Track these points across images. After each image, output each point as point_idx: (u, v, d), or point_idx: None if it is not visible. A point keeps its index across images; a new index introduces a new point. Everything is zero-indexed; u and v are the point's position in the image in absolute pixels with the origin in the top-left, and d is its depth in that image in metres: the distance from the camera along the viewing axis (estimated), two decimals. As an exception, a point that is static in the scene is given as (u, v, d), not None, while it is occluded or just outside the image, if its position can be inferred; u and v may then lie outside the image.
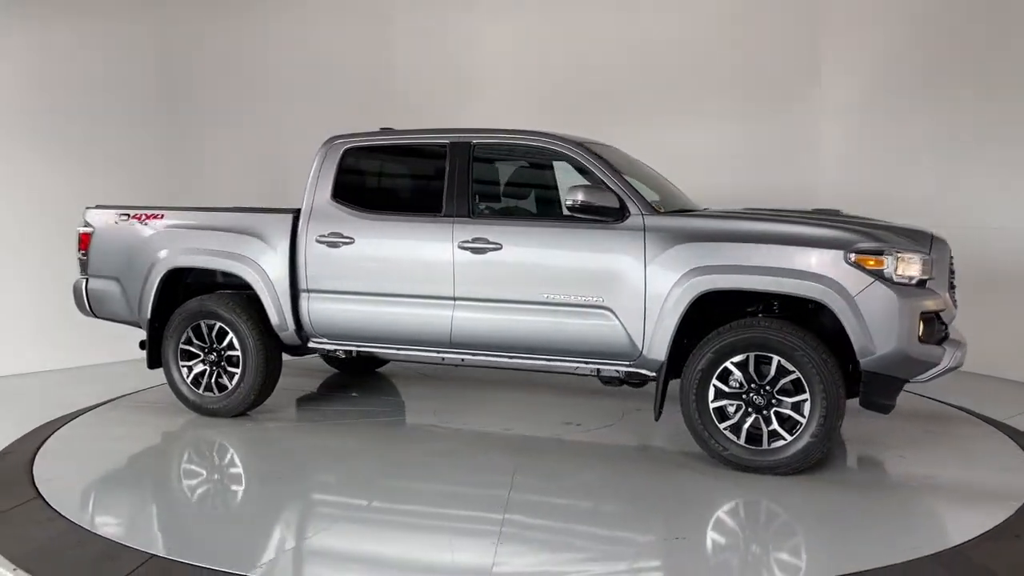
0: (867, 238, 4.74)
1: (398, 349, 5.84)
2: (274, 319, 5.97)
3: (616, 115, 9.00)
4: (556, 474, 5.00)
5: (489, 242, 5.37)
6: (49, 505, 4.52)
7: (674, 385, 5.14)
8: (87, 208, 6.62)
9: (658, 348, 5.02)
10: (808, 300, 4.81)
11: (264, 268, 5.96)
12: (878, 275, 4.62)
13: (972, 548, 3.92)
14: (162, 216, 6.31)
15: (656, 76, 9.35)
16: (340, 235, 5.75)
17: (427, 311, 5.57)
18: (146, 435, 5.96)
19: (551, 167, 5.84)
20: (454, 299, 5.48)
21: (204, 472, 5.37)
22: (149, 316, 6.28)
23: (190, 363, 6.23)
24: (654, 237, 5.03)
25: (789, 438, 4.80)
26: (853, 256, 4.66)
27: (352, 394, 7.13)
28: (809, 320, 5.05)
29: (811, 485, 4.75)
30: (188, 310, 6.16)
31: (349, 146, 5.97)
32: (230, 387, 6.12)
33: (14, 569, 3.74)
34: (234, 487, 5.11)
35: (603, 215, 5.10)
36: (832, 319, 4.86)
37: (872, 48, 8.71)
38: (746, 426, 4.88)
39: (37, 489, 4.78)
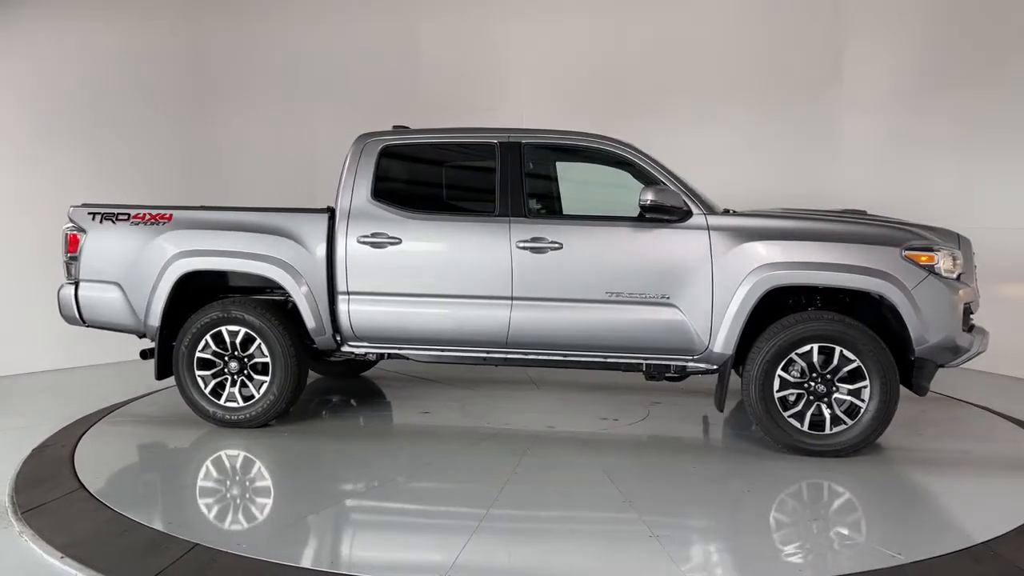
0: (915, 236, 5.17)
1: (443, 350, 5.73)
2: (310, 323, 5.71)
3: (635, 114, 9.11)
4: (620, 469, 5.05)
5: (549, 242, 5.40)
6: (92, 495, 4.60)
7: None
8: (73, 207, 6.06)
9: (725, 342, 5.24)
10: (869, 294, 5.18)
11: (300, 270, 5.70)
12: (930, 270, 5.06)
13: (1001, 544, 3.99)
14: (170, 216, 5.87)
15: (677, 76, 9.51)
16: (385, 235, 5.58)
17: (482, 311, 5.52)
18: (185, 428, 5.81)
19: (604, 168, 5.91)
20: (511, 299, 5.47)
21: (239, 467, 5.26)
22: (159, 323, 5.85)
23: (208, 372, 5.85)
24: (718, 236, 5.25)
25: (850, 422, 5.16)
26: (907, 253, 5.09)
27: (351, 401, 6.93)
28: (850, 313, 5.43)
29: (852, 471, 5.05)
30: (207, 316, 5.78)
31: (387, 144, 5.81)
32: (256, 396, 5.80)
33: (61, 557, 3.82)
34: (266, 485, 5.01)
35: (670, 214, 5.27)
36: (871, 311, 5.29)
37: (894, 47, 8.78)
38: (809, 413, 5.20)
39: (80, 480, 4.86)
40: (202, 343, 5.81)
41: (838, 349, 5.12)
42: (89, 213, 5.99)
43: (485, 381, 7.44)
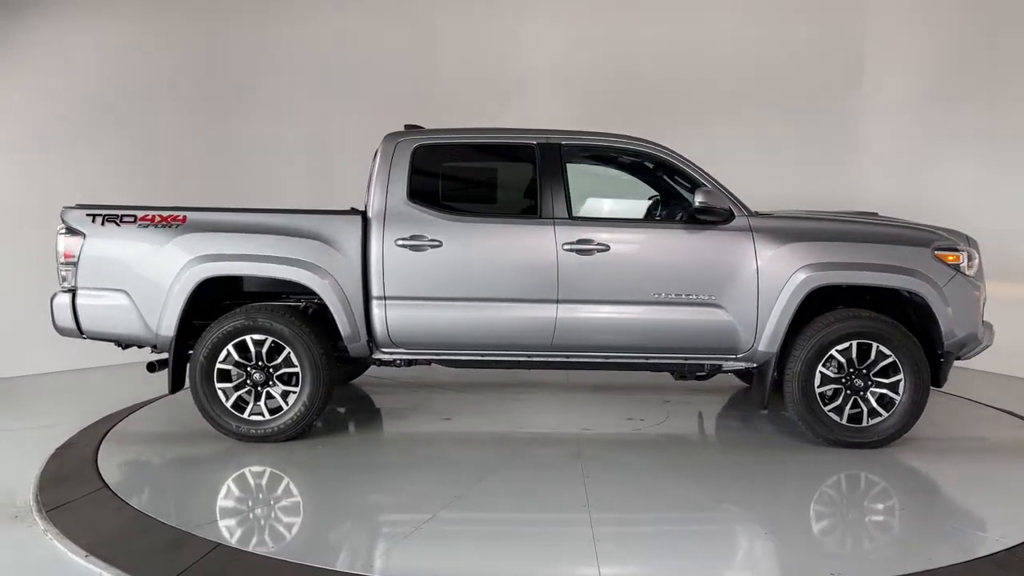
0: (941, 237, 5.48)
1: (483, 355, 5.62)
2: (345, 330, 5.46)
3: (652, 116, 9.09)
4: (685, 467, 5.15)
5: (595, 243, 5.39)
6: (116, 494, 4.63)
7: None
8: (66, 208, 5.55)
9: (771, 340, 5.38)
10: (906, 292, 5.44)
11: (334, 275, 5.43)
12: (956, 269, 5.38)
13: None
14: (184, 218, 5.47)
15: (696, 77, 9.52)
16: (424, 238, 5.41)
17: (528, 313, 5.44)
18: (206, 427, 5.57)
19: (641, 170, 5.93)
20: (557, 301, 5.42)
21: (261, 466, 5.16)
22: (174, 333, 5.44)
23: (230, 384, 5.49)
24: (762, 237, 5.39)
25: (886, 414, 5.41)
26: (936, 252, 5.39)
27: (339, 409, 6.65)
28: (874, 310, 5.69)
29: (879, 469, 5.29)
30: (230, 325, 5.42)
31: (420, 143, 5.62)
32: (285, 407, 5.49)
33: (86, 556, 3.85)
34: (290, 486, 4.93)
35: (717, 216, 5.36)
36: (893, 309, 5.58)
37: (916, 48, 8.76)
38: (848, 407, 5.42)
39: (103, 479, 4.90)
40: (223, 353, 5.45)
41: (875, 345, 5.37)
42: (88, 215, 5.49)
43: (479, 385, 7.32)
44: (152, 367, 5.69)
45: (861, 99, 9.22)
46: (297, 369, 5.46)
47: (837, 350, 5.38)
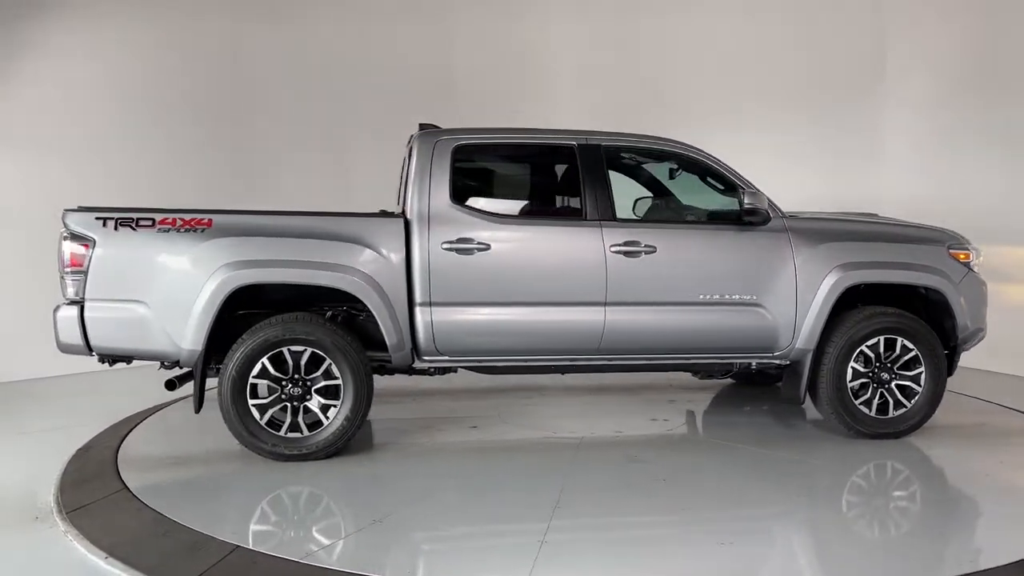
0: (951, 237, 5.83)
1: (530, 360, 5.48)
2: (391, 338, 5.17)
3: (673, 115, 9.06)
4: (744, 465, 5.22)
5: (642, 245, 5.38)
6: (136, 496, 4.62)
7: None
8: (69, 211, 4.99)
9: (808, 338, 5.54)
10: (924, 288, 5.73)
11: (379, 281, 5.14)
12: (967, 266, 5.74)
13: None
14: (210, 222, 5.03)
15: (716, 76, 9.48)
16: (472, 241, 5.22)
17: (576, 317, 5.36)
18: (225, 430, 5.21)
19: (677, 171, 5.92)
20: (605, 303, 5.37)
21: (281, 468, 5.05)
22: (203, 347, 4.99)
23: (265, 400, 5.09)
24: (798, 237, 5.54)
25: (910, 405, 5.70)
26: (950, 251, 5.73)
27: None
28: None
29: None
30: (265, 336, 5.03)
31: (460, 143, 5.41)
32: (325, 422, 5.15)
33: (106, 557, 3.85)
34: (313, 489, 4.82)
35: (760, 217, 5.48)
36: (906, 303, 5.89)
37: (937, 46, 8.67)
38: (876, 400, 5.66)
39: (123, 481, 4.89)
40: (257, 367, 5.06)
41: (899, 340, 5.64)
42: (98, 218, 4.96)
43: (478, 391, 7.18)
44: (172, 384, 5.21)
45: (881, 98, 9.17)
46: (338, 381, 5.15)
47: (867, 345, 5.63)
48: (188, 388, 5.27)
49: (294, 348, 5.08)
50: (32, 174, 8.05)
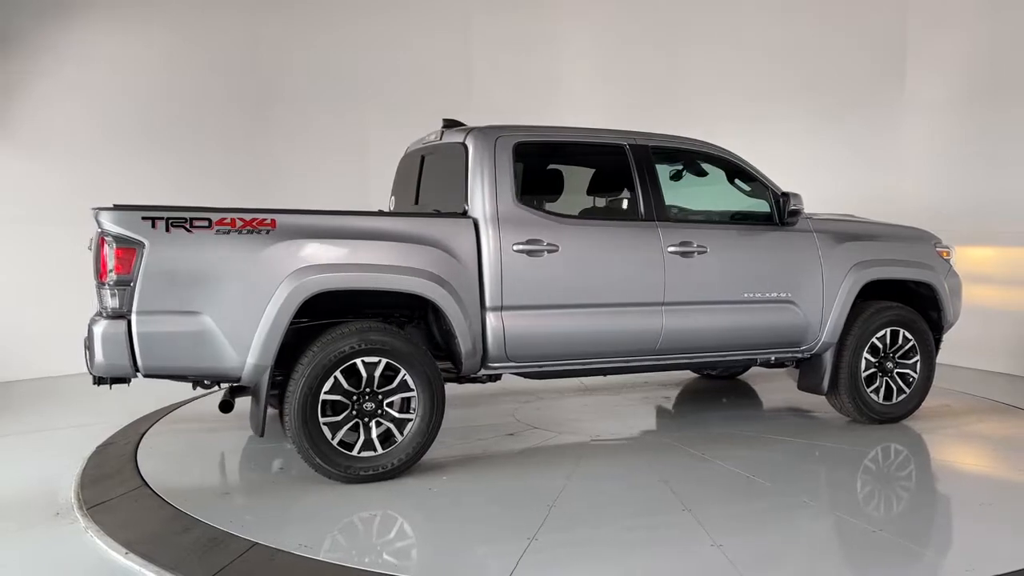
0: (933, 236, 6.41)
1: (594, 363, 5.38)
2: (466, 345, 4.88)
3: (691, 116, 8.91)
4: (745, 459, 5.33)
5: (695, 245, 5.46)
6: (155, 493, 4.65)
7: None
8: (102, 209, 4.30)
9: (832, 332, 5.88)
10: (915, 282, 6.24)
11: (455, 286, 4.83)
12: (948, 263, 6.35)
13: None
14: (274, 223, 4.50)
15: (735, 76, 9.37)
16: (541, 242, 5.05)
17: (638, 319, 5.34)
18: (243, 426, 5.30)
19: (711, 171, 5.99)
20: (663, 304, 5.40)
21: (299, 463, 4.87)
22: (272, 361, 4.46)
23: (338, 418, 4.63)
24: (822, 237, 5.87)
25: (909, 390, 6.19)
26: (936, 249, 6.31)
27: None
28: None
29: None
30: (340, 347, 4.57)
31: (520, 141, 5.20)
32: (399, 438, 4.76)
33: (126, 553, 3.87)
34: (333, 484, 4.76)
35: (798, 219, 5.73)
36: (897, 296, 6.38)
37: (959, 46, 8.56)
38: (883, 388, 6.09)
39: (142, 477, 4.92)
40: (330, 382, 4.59)
41: (902, 331, 6.13)
42: (145, 218, 4.30)
43: (477, 396, 6.91)
44: (228, 406, 4.63)
45: (902, 100, 9.04)
46: (412, 393, 4.79)
47: (876, 337, 6.06)
48: (177, 389, 5.18)
49: (368, 359, 4.68)
50: (56, 174, 8.17)
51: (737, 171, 5.89)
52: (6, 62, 7.99)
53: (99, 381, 4.65)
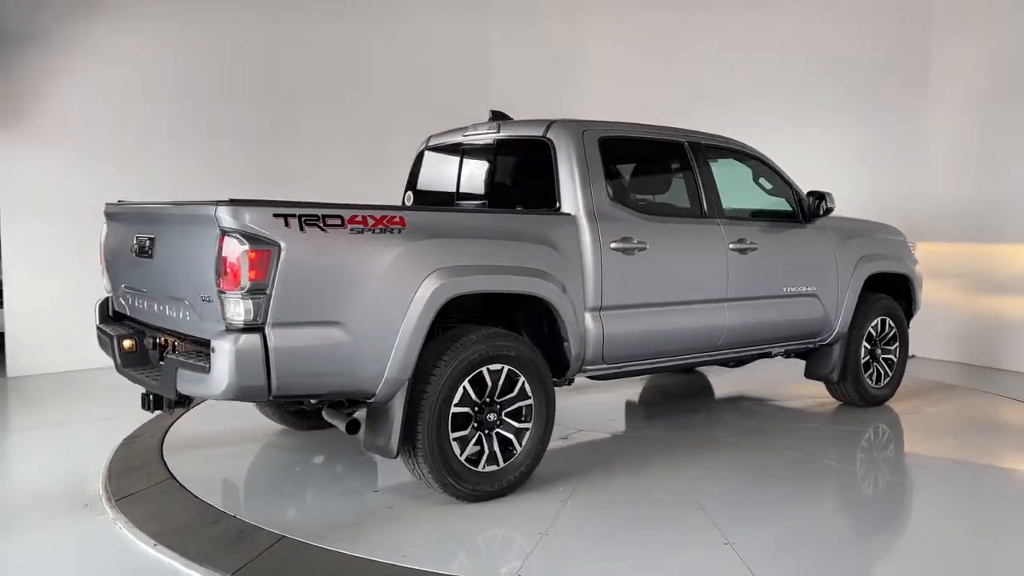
0: (900, 232, 7.02)
1: (664, 363, 5.36)
2: (575, 348, 4.68)
3: (712, 114, 8.49)
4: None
5: (748, 242, 5.60)
6: (182, 485, 4.71)
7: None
8: (222, 204, 3.68)
9: (843, 323, 6.28)
10: (896, 275, 6.78)
11: (567, 287, 4.60)
12: (914, 256, 6.99)
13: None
14: (403, 220, 4.05)
15: (756, 76, 9.22)
16: (632, 240, 4.95)
17: (705, 316, 5.41)
18: (267, 421, 5.66)
19: (747, 170, 6.06)
20: (726, 300, 5.49)
21: (323, 457, 5.31)
22: (412, 375, 4.03)
23: (465, 433, 4.26)
24: (835, 234, 6.24)
25: (891, 373, 6.75)
26: (907, 244, 6.92)
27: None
28: None
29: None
30: (468, 355, 4.21)
31: (603, 136, 5.04)
32: (518, 449, 4.46)
33: (154, 545, 3.92)
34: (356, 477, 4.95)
35: (822, 216, 6.05)
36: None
37: (983, 47, 8.50)
38: (874, 372, 6.60)
39: (169, 470, 4.97)
40: (459, 393, 4.22)
41: (887, 321, 6.67)
42: (277, 215, 3.72)
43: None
44: (354, 427, 4.10)
45: (926, 98, 8.93)
46: (530, 401, 4.52)
47: (871, 326, 6.56)
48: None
49: (492, 367, 4.35)
50: (78, 170, 8.13)
51: (767, 170, 6.12)
52: (30, 59, 7.97)
53: (175, 404, 4.02)
